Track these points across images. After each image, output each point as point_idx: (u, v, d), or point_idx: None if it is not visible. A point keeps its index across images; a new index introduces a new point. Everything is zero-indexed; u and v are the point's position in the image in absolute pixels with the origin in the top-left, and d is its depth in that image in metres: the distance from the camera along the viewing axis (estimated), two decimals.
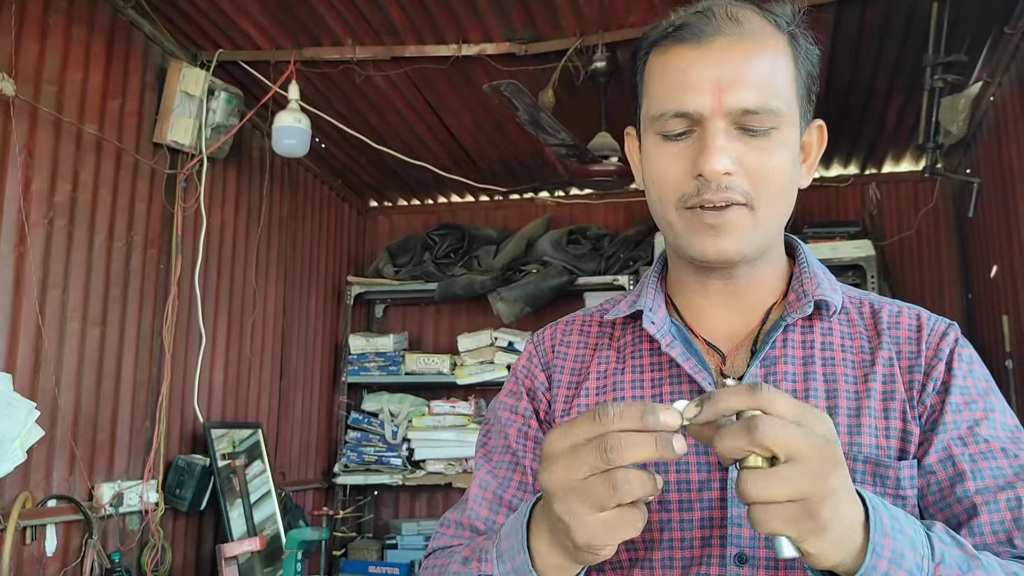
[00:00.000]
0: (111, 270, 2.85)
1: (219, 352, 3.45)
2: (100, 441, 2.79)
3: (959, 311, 3.92)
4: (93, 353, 2.77)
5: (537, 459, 0.99)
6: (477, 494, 1.01)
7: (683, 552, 0.88)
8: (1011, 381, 3.25)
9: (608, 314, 1.04)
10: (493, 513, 0.99)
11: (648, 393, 0.96)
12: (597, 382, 1.00)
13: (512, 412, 1.04)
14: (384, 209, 4.90)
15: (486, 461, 1.04)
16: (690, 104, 0.86)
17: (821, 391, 0.92)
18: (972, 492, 0.86)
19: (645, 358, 0.98)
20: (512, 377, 1.08)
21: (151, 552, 2.92)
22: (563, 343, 1.06)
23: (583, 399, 0.99)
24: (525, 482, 1.00)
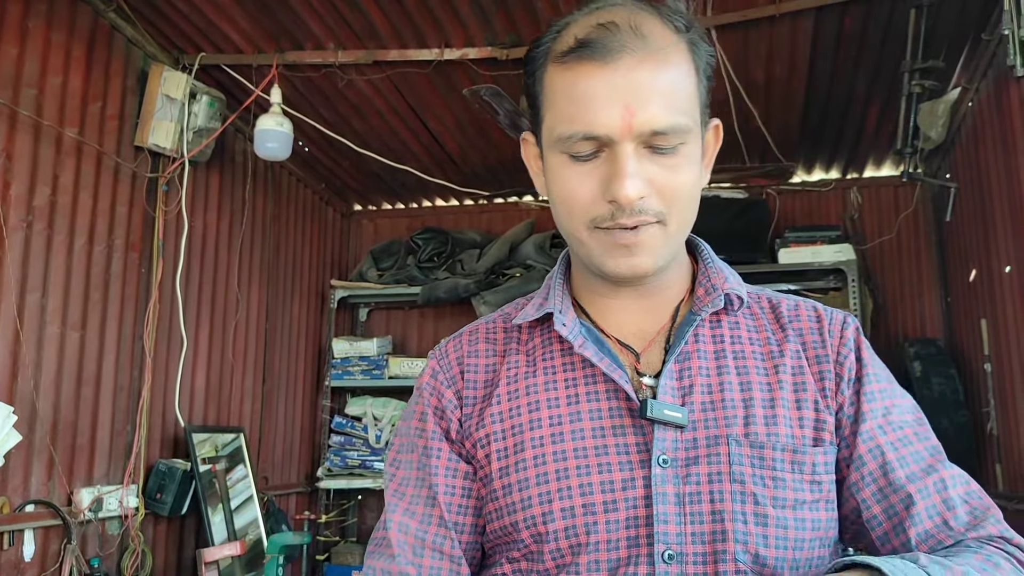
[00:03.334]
0: (91, 274, 2.84)
1: (201, 356, 3.44)
2: (79, 445, 2.78)
3: (938, 315, 3.96)
4: (72, 357, 2.76)
5: (453, 489, 0.96)
6: (400, 540, 0.95)
7: (609, 554, 0.87)
8: (990, 384, 3.28)
9: (515, 319, 1.00)
10: (417, 557, 0.94)
11: (562, 394, 0.93)
12: (508, 387, 0.96)
13: (420, 436, 0.99)
14: (368, 213, 4.90)
15: (399, 498, 0.98)
16: (599, 128, 0.84)
17: (735, 384, 0.93)
18: (904, 481, 0.91)
19: (557, 359, 0.96)
20: (417, 396, 1.02)
21: (131, 557, 2.91)
22: (471, 354, 1.01)
23: (495, 406, 0.95)
24: (444, 519, 0.95)
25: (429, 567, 0.93)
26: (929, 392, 3.46)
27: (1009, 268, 3.08)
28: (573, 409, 0.92)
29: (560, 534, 0.88)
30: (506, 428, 0.94)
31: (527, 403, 0.94)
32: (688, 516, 0.86)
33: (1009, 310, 3.09)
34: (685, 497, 0.87)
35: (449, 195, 4.70)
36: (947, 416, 3.41)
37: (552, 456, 0.90)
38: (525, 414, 0.93)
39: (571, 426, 0.91)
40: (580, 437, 0.90)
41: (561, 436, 0.91)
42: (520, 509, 0.90)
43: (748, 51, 3.11)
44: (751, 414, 0.91)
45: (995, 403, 3.26)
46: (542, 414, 0.93)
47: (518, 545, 0.91)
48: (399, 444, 1.02)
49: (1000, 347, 3.20)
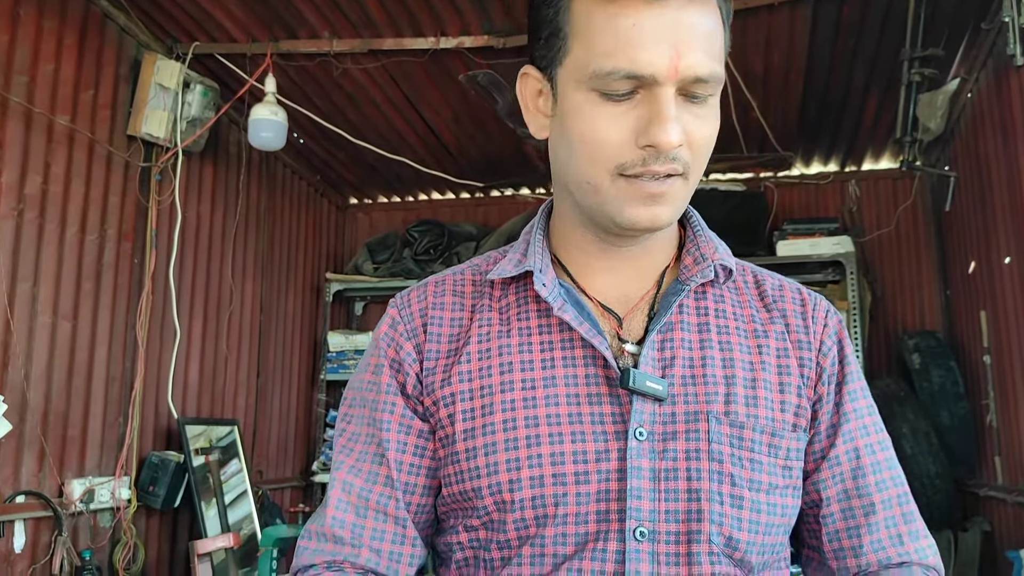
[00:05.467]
0: (83, 263, 2.81)
1: (194, 348, 3.41)
2: (71, 436, 2.75)
3: (938, 307, 3.94)
4: (64, 347, 2.73)
5: (405, 447, 0.90)
6: (340, 498, 0.90)
7: (577, 528, 0.83)
8: (989, 376, 3.26)
9: (490, 273, 0.93)
10: (360, 518, 0.89)
11: (537, 357, 0.88)
12: (479, 345, 0.90)
13: (375, 391, 0.92)
14: (364, 206, 4.87)
15: (347, 455, 0.93)
16: (645, 67, 0.78)
17: (718, 360, 0.89)
18: (872, 488, 0.90)
19: (533, 320, 0.90)
20: (373, 348, 0.95)
21: (123, 550, 2.88)
22: (436, 306, 0.94)
23: (464, 365, 0.89)
24: (391, 478, 0.89)
25: (372, 529, 0.89)
26: (929, 384, 3.44)
27: (1009, 259, 3.06)
28: (548, 374, 0.87)
29: (527, 503, 0.83)
30: (474, 388, 0.88)
31: (499, 364, 0.88)
32: (663, 493, 0.83)
33: (1009, 302, 3.07)
34: (660, 473, 0.84)
35: (445, 188, 4.68)
36: (947, 408, 3.39)
37: (523, 421, 0.85)
38: (496, 375, 0.87)
39: (545, 391, 0.86)
40: (554, 403, 0.85)
41: (534, 401, 0.86)
42: (485, 475, 0.85)
43: (746, 40, 3.09)
44: (732, 392, 0.88)
45: (995, 395, 3.24)
46: (514, 376, 0.87)
47: (478, 512, 0.86)
48: (351, 398, 0.96)
49: (1000, 339, 3.18)
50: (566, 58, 0.83)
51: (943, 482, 3.35)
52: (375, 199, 4.86)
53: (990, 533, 3.28)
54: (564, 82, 0.84)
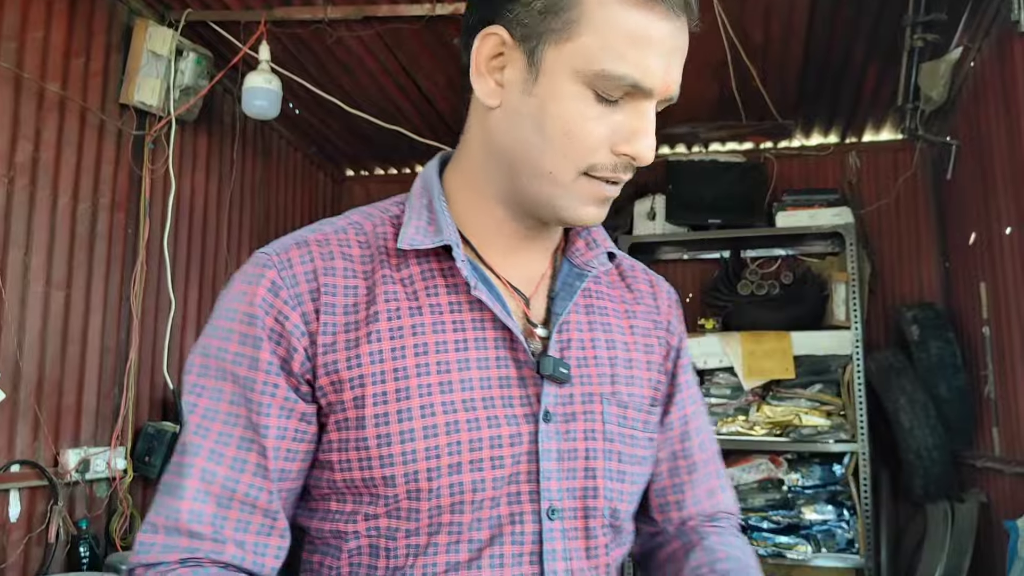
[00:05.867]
0: (76, 232, 2.78)
1: (190, 319, 3.39)
2: (65, 406, 2.74)
3: (937, 279, 3.92)
4: (57, 317, 2.71)
5: (285, 432, 0.81)
6: (199, 489, 0.80)
7: (492, 511, 0.83)
8: (988, 348, 3.25)
9: (401, 242, 0.85)
10: (222, 510, 0.80)
11: (451, 338, 0.84)
12: (389, 323, 0.82)
13: (248, 366, 0.81)
14: (360, 178, 4.84)
15: (203, 436, 0.81)
16: (649, 79, 0.78)
17: (602, 341, 0.93)
18: (696, 449, 1.02)
19: (442, 297, 0.85)
20: (242, 314, 0.82)
21: (120, 520, 2.88)
22: (327, 271, 0.83)
23: (375, 344, 0.82)
24: (264, 466, 0.81)
25: (236, 520, 0.80)
26: (927, 356, 3.42)
27: (1010, 230, 3.04)
28: (462, 356, 0.84)
29: (443, 491, 0.81)
30: (387, 371, 0.81)
31: (413, 345, 0.83)
32: (566, 472, 0.86)
33: (1009, 273, 3.05)
34: (564, 453, 0.86)
35: None
36: (945, 380, 3.38)
37: (441, 407, 0.81)
38: (411, 357, 0.82)
39: (459, 375, 0.83)
40: (469, 388, 0.83)
41: (450, 385, 0.82)
42: (400, 463, 0.80)
43: (746, 8, 3.05)
44: (616, 373, 0.92)
45: (993, 367, 3.22)
46: (430, 359, 0.83)
47: (385, 500, 0.81)
48: (202, 366, 0.83)
49: (999, 310, 3.16)
50: (567, 43, 0.78)
51: (940, 454, 3.35)
52: (371, 171, 4.82)
53: (987, 504, 3.28)
54: (557, 66, 0.79)
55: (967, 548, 3.24)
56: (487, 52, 0.83)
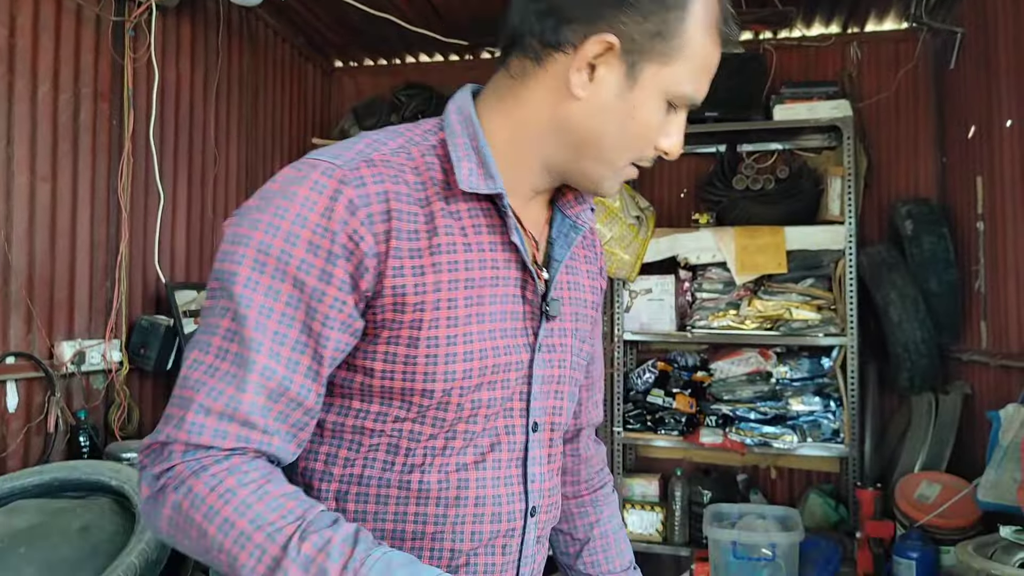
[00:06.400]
0: (58, 123, 2.72)
1: (180, 213, 3.36)
2: (58, 300, 2.74)
3: (933, 174, 3.89)
4: (45, 209, 2.68)
5: (339, 345, 0.88)
6: (258, 383, 0.84)
7: (494, 423, 0.99)
8: (981, 243, 3.25)
9: (461, 183, 0.92)
10: (275, 404, 0.85)
11: (488, 275, 0.96)
12: (448, 256, 0.92)
13: (318, 278, 0.86)
14: (349, 70, 4.71)
15: (263, 334, 0.84)
16: (700, 98, 0.96)
17: (574, 284, 1.11)
18: (596, 374, 1.26)
19: (484, 236, 0.96)
20: (313, 225, 0.85)
21: (118, 411, 2.92)
22: (396, 197, 0.89)
23: (438, 275, 0.91)
24: (316, 371, 0.87)
25: (284, 414, 0.86)
26: (919, 251, 3.43)
27: (1010, 123, 3.00)
28: (493, 291, 0.96)
29: (466, 405, 0.95)
30: (442, 299, 0.91)
31: (465, 279, 0.93)
32: (544, 393, 1.04)
33: (1007, 166, 3.03)
34: (545, 378, 1.04)
35: (433, 50, 4.51)
36: (936, 275, 3.39)
37: (477, 336, 0.94)
38: (462, 289, 0.93)
39: (490, 307, 0.96)
40: (494, 319, 0.96)
41: (482, 317, 0.95)
42: (441, 380, 0.92)
43: None
44: (577, 311, 1.10)
45: (985, 261, 3.23)
46: (473, 292, 0.94)
47: (416, 408, 0.93)
48: (257, 262, 0.85)
49: (994, 205, 3.15)
50: (665, 67, 0.92)
51: (928, 347, 3.39)
52: (361, 62, 4.69)
53: (970, 396, 3.35)
54: (652, 83, 0.92)
55: (949, 438, 3.32)
56: (593, 52, 0.91)
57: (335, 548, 0.79)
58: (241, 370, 0.84)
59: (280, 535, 0.79)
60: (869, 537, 3.01)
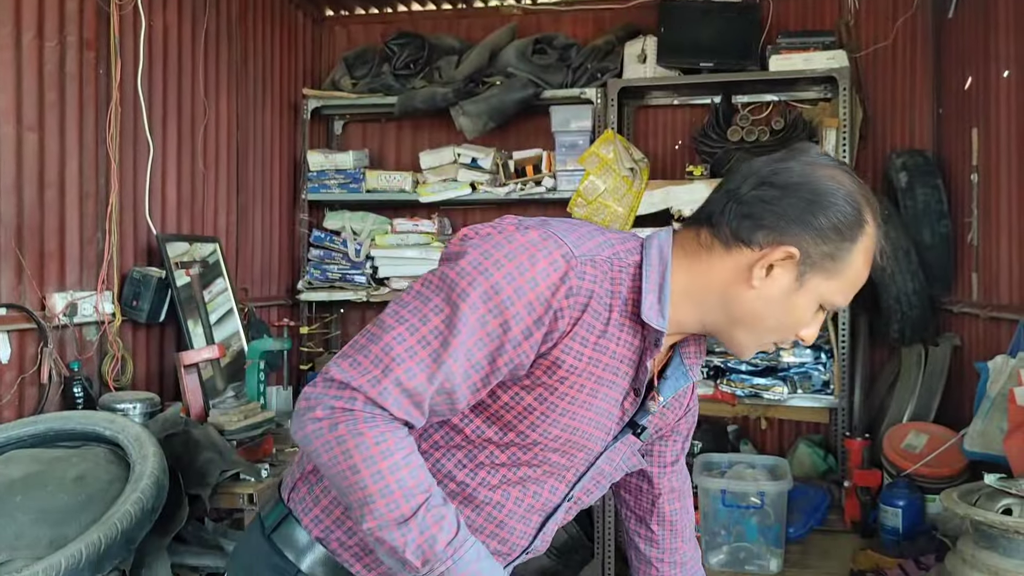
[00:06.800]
0: (44, 72, 2.69)
1: (170, 164, 3.33)
2: (48, 251, 2.73)
3: (928, 126, 3.86)
4: (32, 160, 2.66)
5: (500, 378, 1.08)
6: (440, 381, 1.03)
7: (548, 480, 1.21)
8: (975, 194, 3.25)
9: (643, 315, 1.12)
10: (439, 396, 1.05)
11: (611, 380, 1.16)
12: (601, 354, 1.13)
13: (523, 331, 1.06)
14: (340, 19, 4.64)
15: (465, 337, 1.04)
16: (843, 306, 1.20)
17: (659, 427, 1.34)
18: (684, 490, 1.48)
19: (627, 353, 1.16)
20: (538, 293, 1.06)
21: (111, 362, 2.92)
22: (598, 297, 1.10)
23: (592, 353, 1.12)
24: (477, 388, 1.07)
25: (439, 403, 1.07)
26: (913, 203, 3.42)
27: (1008, 73, 2.97)
28: (608, 392, 1.17)
29: (539, 457, 1.17)
30: (574, 383, 1.12)
31: (598, 376, 1.14)
32: (591, 479, 1.27)
33: (1003, 117, 3.01)
34: (601, 469, 1.26)
35: None
36: (929, 227, 3.39)
37: (580, 419, 1.16)
38: (591, 383, 1.14)
39: (599, 403, 1.16)
40: (597, 412, 1.17)
41: (591, 408, 1.16)
42: (539, 435, 1.14)
43: None
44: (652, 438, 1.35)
45: (978, 213, 3.23)
46: (598, 389, 1.15)
47: (506, 439, 1.14)
48: (488, 293, 1.04)
49: (989, 156, 3.14)
50: (827, 281, 1.12)
51: (919, 299, 3.40)
52: (352, 11, 4.62)
53: (960, 347, 3.38)
54: (814, 291, 1.12)
55: (937, 389, 3.35)
56: (776, 257, 1.10)
57: (447, 524, 1.01)
58: (434, 365, 1.03)
59: (414, 500, 1.00)
60: (856, 486, 3.05)
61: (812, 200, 1.08)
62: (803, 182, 1.09)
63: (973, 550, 1.60)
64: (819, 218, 1.08)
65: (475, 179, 4.00)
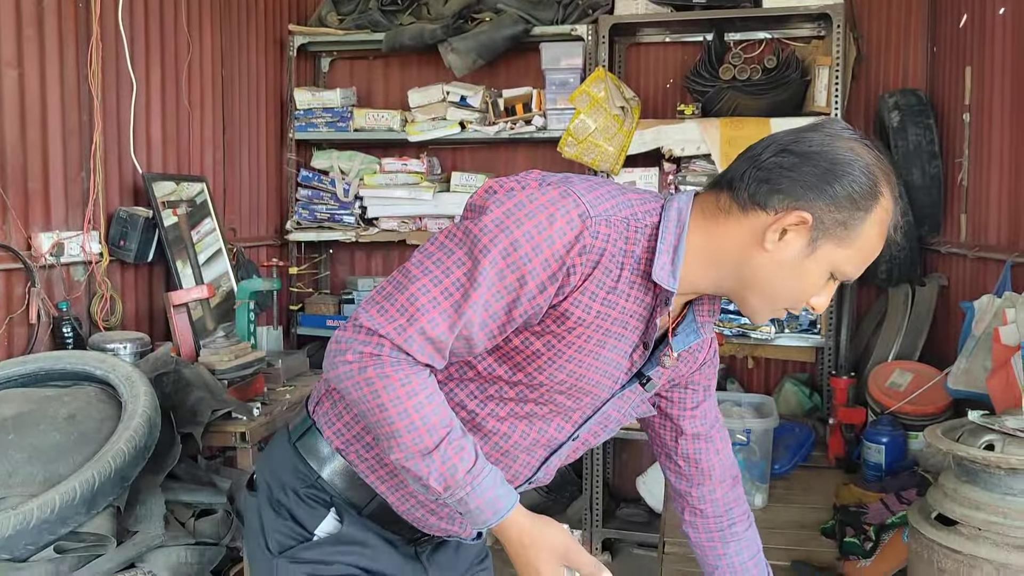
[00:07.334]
0: (21, 5, 2.62)
1: (154, 101, 3.28)
2: (32, 190, 2.69)
3: (921, 66, 3.82)
4: (12, 97, 2.60)
5: (520, 325, 1.17)
6: (460, 328, 1.12)
7: (555, 419, 1.29)
8: (966, 134, 3.24)
9: (653, 275, 1.17)
10: (459, 342, 1.14)
11: (620, 332, 1.22)
12: (599, 320, 1.19)
13: (538, 286, 1.13)
14: None
15: (483, 288, 1.11)
16: (855, 276, 1.19)
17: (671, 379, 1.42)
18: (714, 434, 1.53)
19: (638, 308, 1.21)
20: (555, 250, 1.11)
21: (100, 302, 2.91)
22: (610, 256, 1.15)
23: (602, 307, 1.18)
24: (494, 334, 1.15)
25: (458, 347, 1.15)
26: (904, 143, 3.41)
27: (1003, 10, 2.94)
28: (617, 344, 1.23)
29: (546, 396, 1.25)
30: (583, 332, 1.18)
31: (607, 328, 1.20)
32: (597, 422, 1.35)
33: (997, 55, 2.98)
34: (607, 414, 1.34)
35: None
36: (920, 167, 3.38)
37: (588, 368, 1.23)
38: (599, 334, 1.20)
39: (607, 352, 1.23)
40: (607, 362, 1.24)
41: (599, 357, 1.22)
42: (546, 379, 1.22)
43: None
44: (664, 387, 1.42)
45: (969, 154, 3.23)
46: (604, 338, 1.21)
47: (515, 377, 1.22)
48: (507, 249, 1.11)
49: (982, 96, 3.12)
50: (839, 249, 1.14)
51: (907, 240, 3.42)
52: None
53: (946, 287, 3.40)
54: (825, 257, 1.15)
55: (923, 329, 3.38)
56: (790, 221, 1.13)
57: (466, 454, 1.12)
58: (456, 315, 1.11)
59: (436, 434, 1.11)
60: (841, 423, 3.10)
61: (828, 169, 1.11)
62: (822, 151, 1.12)
63: (955, 484, 1.63)
64: (834, 186, 1.11)
65: (464, 118, 3.95)
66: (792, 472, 3.01)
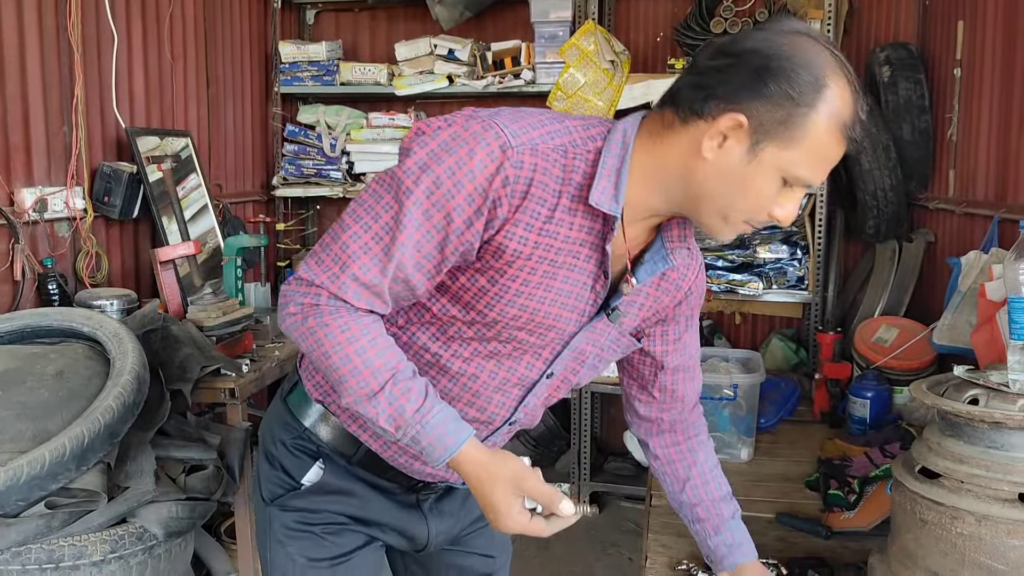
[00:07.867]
0: None
1: (136, 54, 3.22)
2: (13, 144, 2.65)
3: (913, 20, 3.79)
4: None
5: (449, 265, 1.15)
6: (393, 271, 1.12)
7: (524, 356, 1.27)
8: (957, 89, 3.22)
9: (591, 199, 1.13)
10: (396, 285, 1.14)
11: (571, 263, 1.18)
12: (542, 252, 1.15)
13: (464, 222, 1.11)
14: None
15: (411, 229, 1.10)
16: (817, 183, 1.12)
17: (642, 301, 1.32)
18: (691, 364, 1.50)
19: (583, 235, 1.17)
20: (477, 183, 1.09)
21: (85, 258, 2.89)
22: (539, 185, 1.12)
23: (539, 237, 1.14)
24: (431, 273, 1.14)
25: (397, 291, 1.16)
26: (895, 97, 3.39)
27: None
28: (568, 274, 1.19)
29: (505, 332, 1.23)
30: (526, 265, 1.15)
31: (551, 259, 1.17)
32: (571, 357, 1.31)
33: (990, 10, 2.95)
34: (578, 348, 1.29)
35: None
36: (909, 122, 3.37)
37: (538, 299, 1.20)
38: (545, 264, 1.17)
39: (560, 284, 1.19)
40: (564, 295, 1.20)
41: (553, 288, 1.19)
42: (497, 313, 1.19)
43: None
44: (641, 320, 1.35)
45: (959, 109, 3.21)
46: (552, 269, 1.18)
47: (469, 314, 1.20)
48: (430, 187, 1.09)
49: (974, 50, 3.10)
50: (785, 151, 1.07)
51: (896, 195, 3.41)
52: None
53: (933, 243, 3.41)
54: (770, 161, 1.08)
55: (909, 285, 3.40)
56: (726, 126, 1.07)
57: (413, 395, 1.13)
58: (386, 258, 1.11)
59: (380, 376, 1.12)
60: (827, 378, 3.12)
61: (762, 65, 1.05)
62: (757, 48, 1.06)
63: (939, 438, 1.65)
64: (769, 85, 1.04)
65: (452, 72, 3.91)
66: (778, 426, 3.04)
